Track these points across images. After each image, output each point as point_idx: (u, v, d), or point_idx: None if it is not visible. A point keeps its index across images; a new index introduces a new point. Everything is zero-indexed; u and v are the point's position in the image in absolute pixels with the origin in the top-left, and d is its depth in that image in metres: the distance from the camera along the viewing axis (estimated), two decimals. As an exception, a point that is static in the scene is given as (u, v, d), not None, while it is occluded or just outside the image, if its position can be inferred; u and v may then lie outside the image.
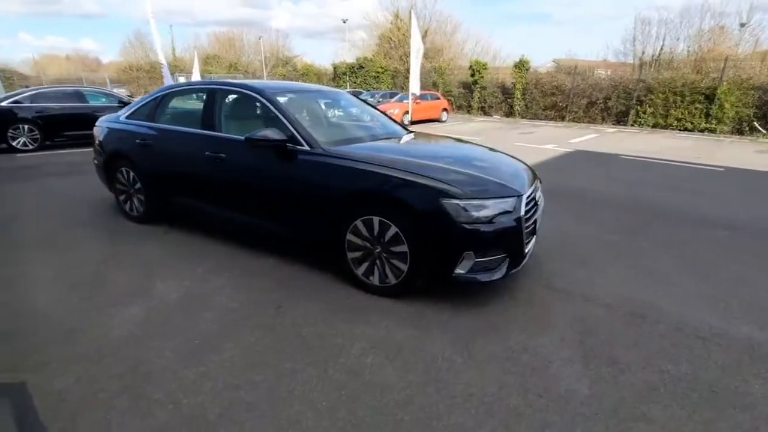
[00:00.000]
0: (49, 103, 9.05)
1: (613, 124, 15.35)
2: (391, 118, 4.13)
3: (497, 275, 2.52)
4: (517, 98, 17.69)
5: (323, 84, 28.59)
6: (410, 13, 16.84)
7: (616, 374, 2.02)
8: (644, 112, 14.58)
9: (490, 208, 2.43)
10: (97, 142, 4.33)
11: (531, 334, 2.34)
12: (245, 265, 3.21)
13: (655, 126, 14.50)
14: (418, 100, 15.73)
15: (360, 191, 2.62)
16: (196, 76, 35.77)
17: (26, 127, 8.68)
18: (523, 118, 17.82)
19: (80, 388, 1.90)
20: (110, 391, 1.88)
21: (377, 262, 2.67)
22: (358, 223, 2.65)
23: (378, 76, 24.60)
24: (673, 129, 14.20)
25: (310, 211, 2.87)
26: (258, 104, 3.13)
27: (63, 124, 9.14)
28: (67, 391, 1.87)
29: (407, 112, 15.34)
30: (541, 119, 17.37)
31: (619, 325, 2.45)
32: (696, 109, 13.57)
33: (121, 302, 2.66)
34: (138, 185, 3.95)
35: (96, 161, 4.40)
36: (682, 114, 13.82)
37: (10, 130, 8.54)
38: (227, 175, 3.22)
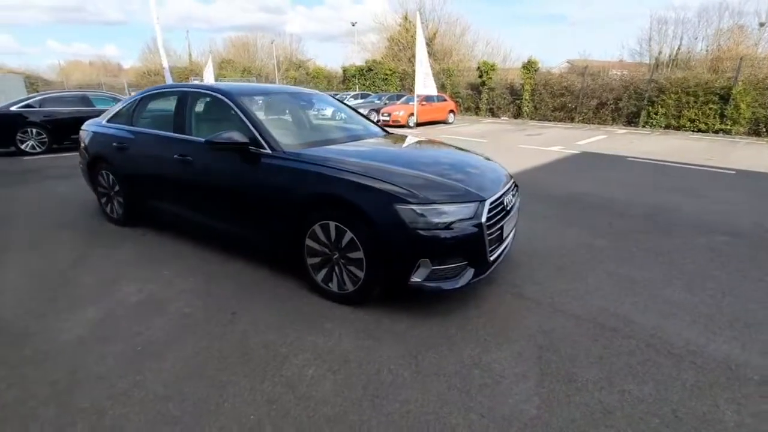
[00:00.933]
0: (56, 107, 9.31)
1: (623, 126, 14.90)
2: (368, 118, 4.04)
3: (458, 284, 2.40)
4: (526, 99, 17.37)
5: (333, 87, 28.77)
6: (416, 14, 16.79)
7: (570, 394, 1.88)
8: (656, 113, 14.09)
9: (447, 213, 2.31)
10: (82, 145, 4.37)
11: (487, 348, 2.21)
12: (212, 270, 3.16)
13: (667, 127, 14.01)
14: (423, 102, 15.64)
15: (316, 195, 2.54)
16: (210, 79, 36.42)
17: (34, 130, 8.93)
18: (531, 119, 17.48)
19: (10, 394, 1.87)
20: (39, 398, 1.84)
21: (336, 268, 2.58)
22: (317, 228, 2.57)
23: (386, 79, 24.59)
24: (686, 130, 13.69)
25: (270, 215, 2.80)
26: (225, 107, 3.08)
27: (70, 127, 9.34)
28: (-3, 397, 1.84)
29: (412, 114, 15.26)
30: (550, 121, 17.01)
31: (586, 339, 2.29)
32: (710, 109, 13.04)
33: (80, 305, 2.65)
34: (117, 188, 3.96)
35: (81, 164, 4.45)
36: (696, 115, 13.30)
37: (19, 134, 8.80)
38: (194, 178, 3.19)
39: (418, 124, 15.14)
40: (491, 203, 2.50)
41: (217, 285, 2.93)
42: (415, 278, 2.36)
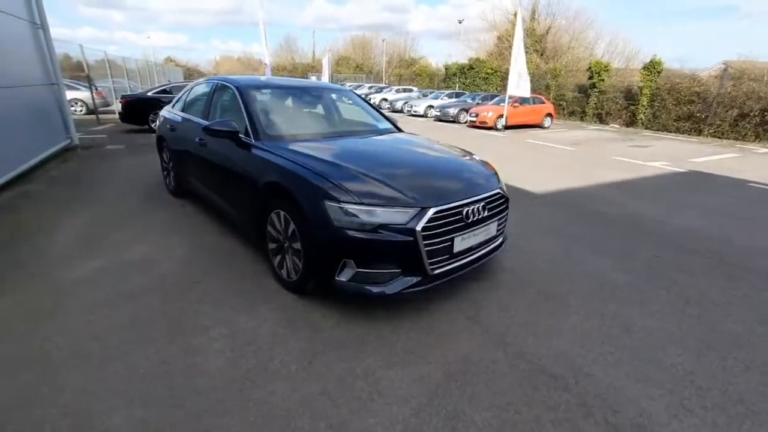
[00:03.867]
0: (181, 94, 11.19)
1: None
2: (384, 116, 3.99)
3: (385, 291, 2.28)
4: (642, 105, 14.90)
5: (434, 84, 28.66)
6: (518, 9, 15.70)
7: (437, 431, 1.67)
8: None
9: (377, 216, 2.21)
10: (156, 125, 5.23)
11: (391, 363, 2.06)
12: (208, 242, 3.53)
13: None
14: (516, 104, 14.63)
15: (271, 183, 2.65)
16: (325, 77, 39.38)
17: (163, 112, 10.90)
18: (647, 128, 14.98)
19: (9, 299, 2.41)
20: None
21: (286, 256, 2.67)
22: (273, 215, 2.69)
23: (487, 78, 23.57)
24: None
25: (250, 198, 2.99)
26: (235, 97, 3.38)
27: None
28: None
29: (501, 116, 14.39)
30: (670, 131, 14.34)
31: (510, 380, 1.98)
32: None
33: (95, 257, 3.20)
34: (171, 164, 4.66)
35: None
36: None
37: (152, 114, 10.81)
38: (207, 160, 3.58)
39: (508, 127, 14.23)
40: (438, 212, 2.29)
41: (205, 256, 3.27)
42: (341, 277, 2.32)
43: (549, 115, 15.51)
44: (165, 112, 4.96)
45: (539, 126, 15.30)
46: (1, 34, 5.84)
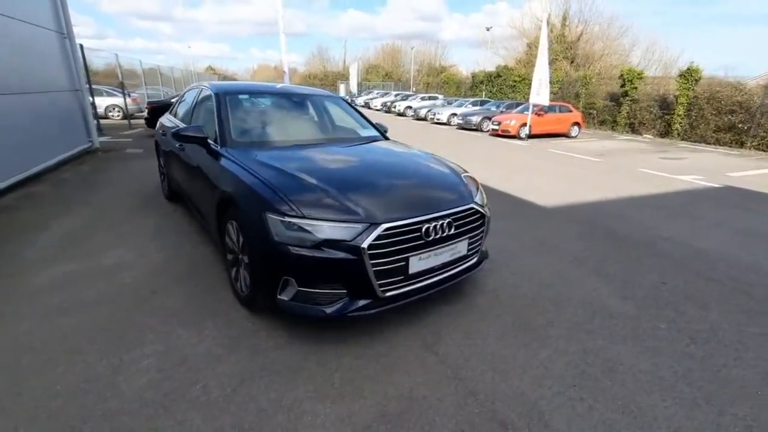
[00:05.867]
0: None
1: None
2: (371, 123, 3.81)
3: (326, 312, 2.09)
4: (679, 115, 13.91)
5: (461, 92, 28.29)
6: (543, 17, 15.25)
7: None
8: None
9: (319, 231, 2.02)
10: (158, 130, 5.31)
11: (323, 396, 1.86)
12: (186, 249, 3.47)
13: None
14: (541, 112, 14.10)
15: (225, 192, 2.52)
16: (353, 83, 39.66)
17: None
18: (684, 139, 13.97)
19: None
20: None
21: (240, 268, 2.54)
22: (229, 225, 2.57)
23: (514, 86, 22.98)
24: None
25: (211, 206, 2.88)
26: (212, 102, 3.31)
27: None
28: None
29: (525, 125, 13.88)
30: (708, 143, 13.28)
31: (451, 425, 1.72)
32: None
33: (70, 260, 3.20)
34: (164, 168, 4.69)
35: (161, 147, 5.40)
36: None
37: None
38: (184, 164, 3.52)
39: (531, 136, 13.70)
40: (389, 228, 2.08)
41: (177, 264, 3.19)
42: (282, 296, 2.14)
43: (576, 124, 14.83)
44: (163, 117, 5.02)
45: (565, 135, 14.65)
46: (31, 43, 6.20)
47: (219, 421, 1.70)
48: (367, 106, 28.11)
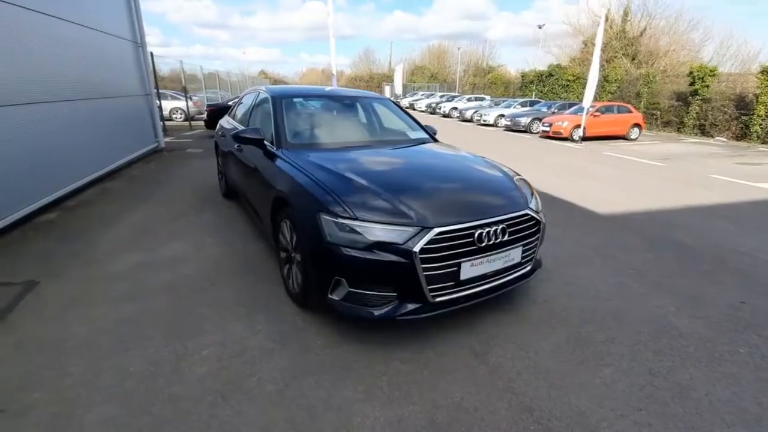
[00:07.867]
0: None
1: None
2: (420, 125, 3.79)
3: (375, 314, 2.09)
4: (758, 115, 12.54)
5: (510, 93, 27.47)
6: (602, 13, 14.38)
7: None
8: None
9: (371, 234, 2.03)
10: (218, 132, 5.63)
11: (372, 398, 1.86)
12: (240, 244, 3.64)
13: None
14: (597, 113, 13.34)
15: (279, 192, 2.61)
16: (398, 85, 39.92)
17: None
18: (764, 143, 12.58)
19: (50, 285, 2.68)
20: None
21: (292, 266, 2.61)
22: (282, 224, 2.66)
23: (567, 85, 21.92)
24: None
25: (267, 205, 2.99)
26: (268, 105, 3.45)
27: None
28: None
29: (579, 126, 13.17)
30: (798, 147, 11.87)
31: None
32: None
33: (137, 251, 3.47)
34: (222, 168, 4.96)
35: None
36: None
37: (230, 122, 11.82)
38: (242, 164, 3.70)
39: (586, 138, 12.98)
40: (442, 233, 2.05)
41: (228, 258, 3.36)
42: (333, 296, 2.18)
43: (637, 125, 13.87)
44: (222, 120, 5.31)
45: (624, 138, 13.75)
46: (113, 52, 6.84)
47: (272, 415, 1.75)
48: (411, 107, 28.07)
